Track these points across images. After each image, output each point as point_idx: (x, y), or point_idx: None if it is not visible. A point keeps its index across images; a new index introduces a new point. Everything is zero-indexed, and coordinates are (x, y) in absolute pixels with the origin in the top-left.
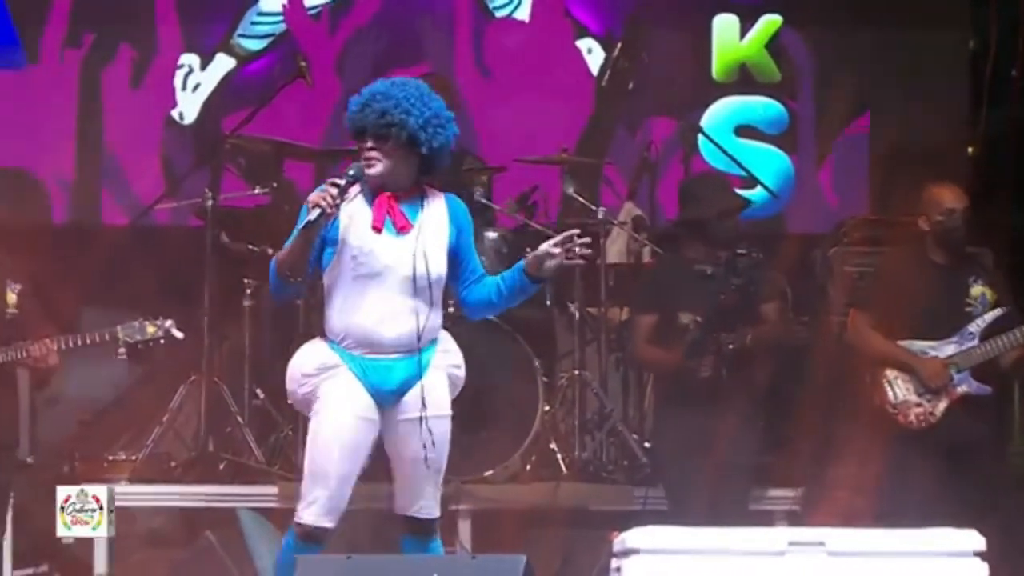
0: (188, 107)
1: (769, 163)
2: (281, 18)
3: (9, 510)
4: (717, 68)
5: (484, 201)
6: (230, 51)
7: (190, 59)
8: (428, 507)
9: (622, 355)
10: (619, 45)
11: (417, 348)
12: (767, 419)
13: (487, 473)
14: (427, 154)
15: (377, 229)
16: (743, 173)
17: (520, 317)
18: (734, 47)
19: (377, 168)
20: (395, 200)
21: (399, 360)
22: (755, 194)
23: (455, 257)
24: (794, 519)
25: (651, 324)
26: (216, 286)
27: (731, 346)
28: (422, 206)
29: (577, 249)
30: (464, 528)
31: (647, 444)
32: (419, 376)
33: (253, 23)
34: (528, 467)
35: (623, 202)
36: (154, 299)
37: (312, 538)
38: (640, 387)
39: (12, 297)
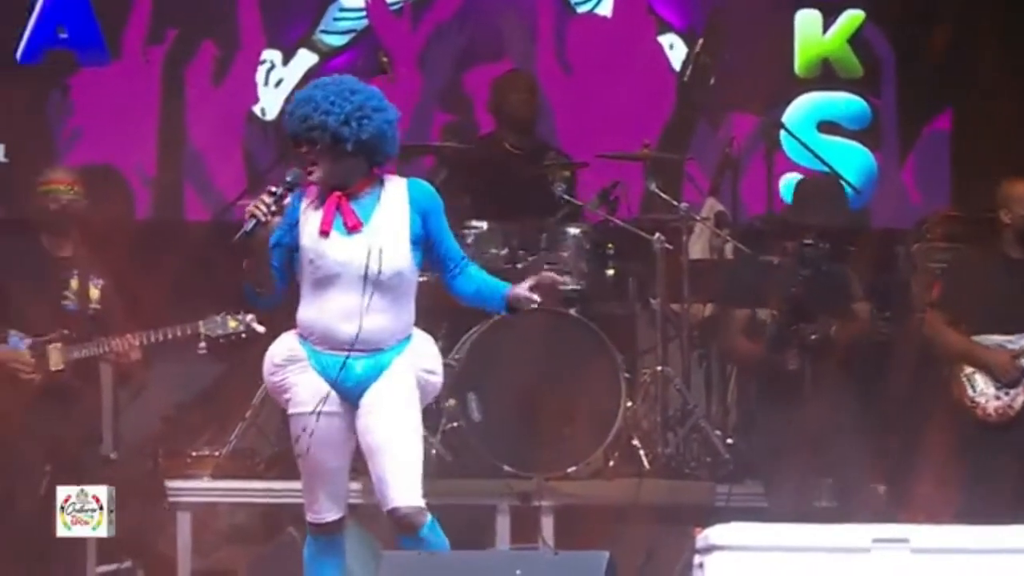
0: (270, 103)
1: (852, 159)
2: (363, 14)
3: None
4: (799, 63)
5: (566, 197)
6: (312, 47)
7: (272, 55)
8: (403, 498)
9: (710, 350)
10: (701, 40)
11: (377, 346)
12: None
13: (570, 469)
14: (356, 150)
15: (324, 232)
16: (826, 169)
17: (602, 313)
18: (816, 42)
19: (316, 174)
20: (346, 198)
21: (360, 358)
22: None
23: (428, 243)
24: (878, 516)
25: (739, 318)
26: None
27: (813, 336)
28: (379, 199)
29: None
30: (547, 524)
31: (730, 440)
32: (379, 373)
33: (335, 18)
34: (611, 463)
35: (705, 198)
36: (236, 294)
37: (327, 531)
38: (723, 383)
39: (95, 293)
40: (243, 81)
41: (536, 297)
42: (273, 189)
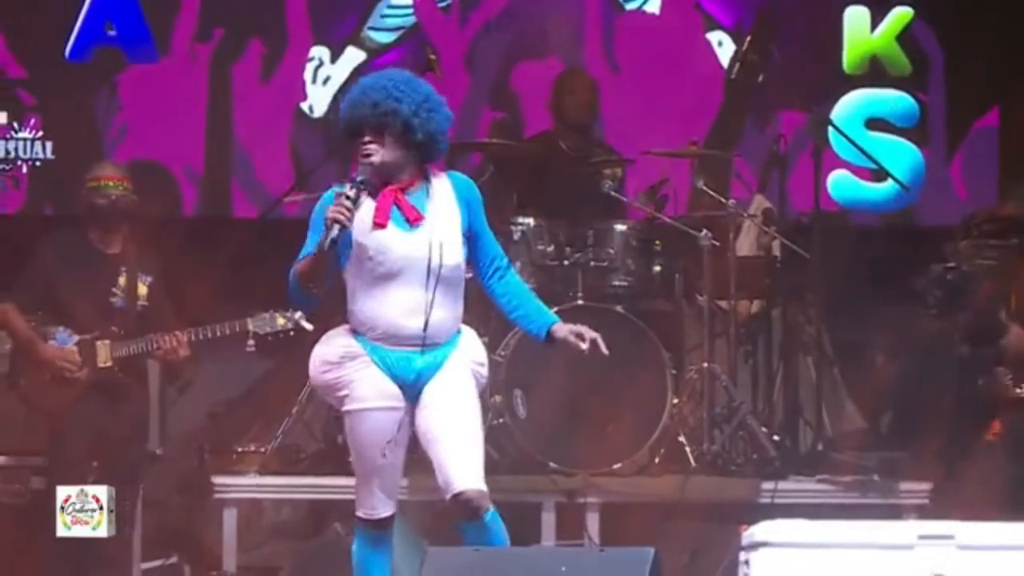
0: (318, 100)
1: (900, 156)
2: (411, 11)
3: (139, 502)
4: (848, 60)
5: (613, 194)
6: (360, 44)
7: (320, 52)
8: (468, 481)
9: (757, 346)
10: (749, 38)
11: (436, 341)
12: (897, 414)
13: (615, 466)
14: (423, 140)
15: (382, 225)
16: (874, 166)
17: (649, 310)
18: (865, 39)
19: (376, 157)
20: (401, 192)
21: (421, 353)
22: (886, 187)
23: (471, 236)
24: (924, 513)
25: None
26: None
27: None
28: (428, 193)
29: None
30: (592, 521)
31: (776, 437)
32: (437, 368)
33: (383, 16)
34: (657, 460)
35: (753, 195)
36: (284, 291)
37: (379, 527)
38: (769, 380)
39: (143, 289)
40: (291, 78)
41: (583, 345)
42: (347, 192)
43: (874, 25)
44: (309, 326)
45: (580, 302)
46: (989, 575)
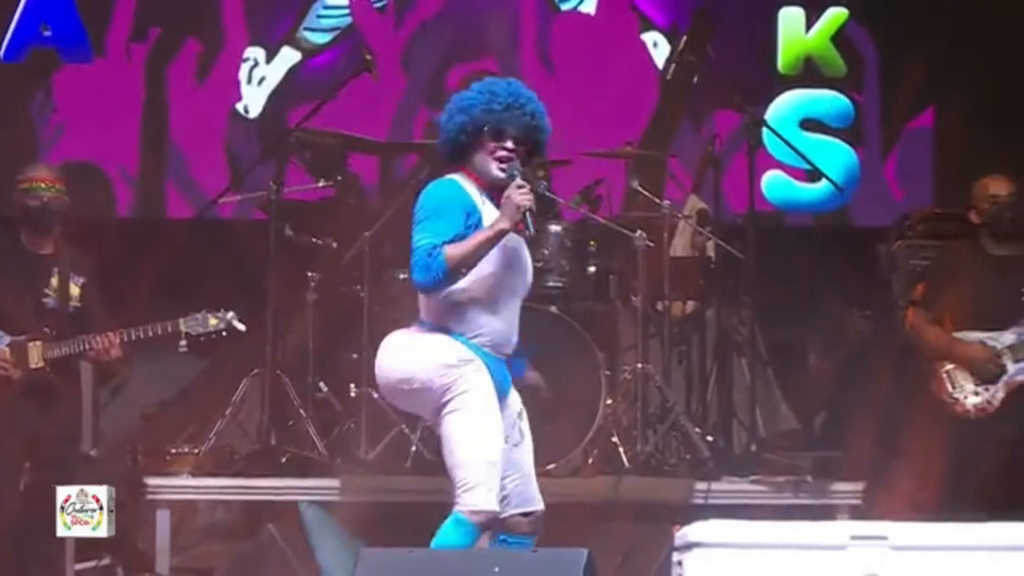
0: (253, 100)
1: (834, 157)
2: (347, 11)
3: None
4: (782, 61)
5: (549, 194)
6: (296, 44)
7: (255, 52)
8: (541, 500)
9: (691, 347)
10: (684, 38)
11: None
12: (830, 414)
13: (549, 466)
14: (532, 161)
15: (521, 232)
16: (808, 167)
17: (583, 310)
18: (800, 40)
19: (516, 163)
20: None
21: (505, 363)
22: (820, 188)
23: None
24: (857, 513)
25: None
26: (280, 279)
27: None
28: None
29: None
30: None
31: (709, 437)
32: (510, 382)
33: (319, 16)
34: (590, 461)
35: (687, 195)
36: (218, 292)
37: (490, 524)
38: (703, 380)
39: (75, 290)
40: (226, 79)
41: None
42: (520, 182)
43: (809, 26)
44: (242, 326)
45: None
46: (921, 575)
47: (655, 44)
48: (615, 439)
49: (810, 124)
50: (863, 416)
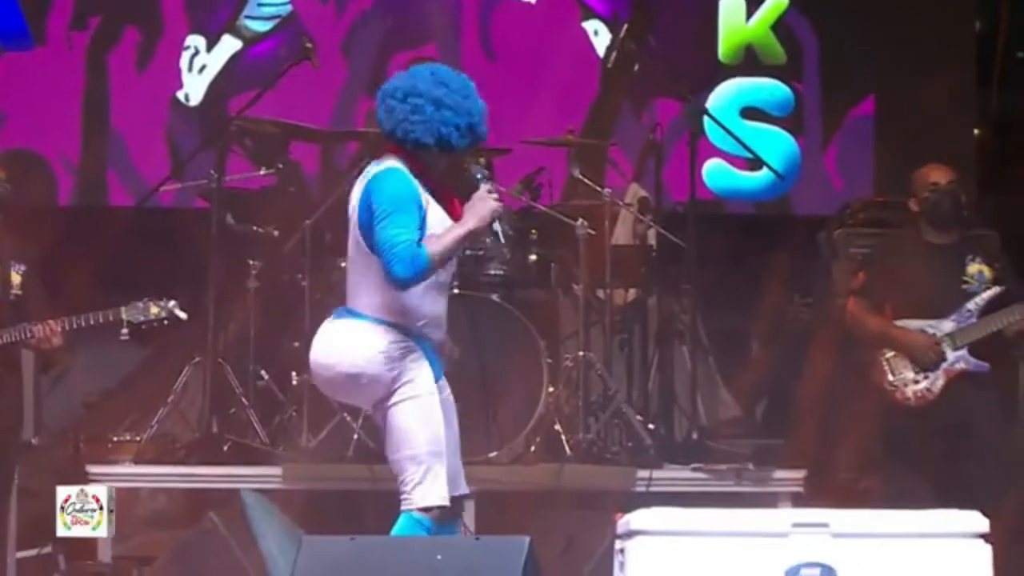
0: (194, 89)
1: (775, 145)
2: (287, 0)
3: (13, 492)
4: (723, 50)
5: (486, 183)
6: (236, 32)
7: (196, 40)
8: (465, 484)
9: (632, 335)
10: (625, 26)
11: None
12: (771, 402)
13: (491, 454)
14: None
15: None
16: (749, 155)
17: (525, 298)
18: (740, 29)
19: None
20: None
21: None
22: (761, 176)
23: None
24: (798, 500)
25: None
26: (221, 267)
27: None
28: None
29: None
30: (468, 509)
31: (651, 426)
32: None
33: (259, 4)
34: (532, 449)
35: (629, 183)
36: (159, 280)
37: (452, 512)
38: (645, 369)
39: (16, 278)
40: (166, 67)
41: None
42: (492, 190)
43: (749, 14)
44: (183, 315)
45: (456, 291)
46: (863, 563)
47: (596, 32)
48: (557, 427)
49: (751, 113)
50: (804, 404)
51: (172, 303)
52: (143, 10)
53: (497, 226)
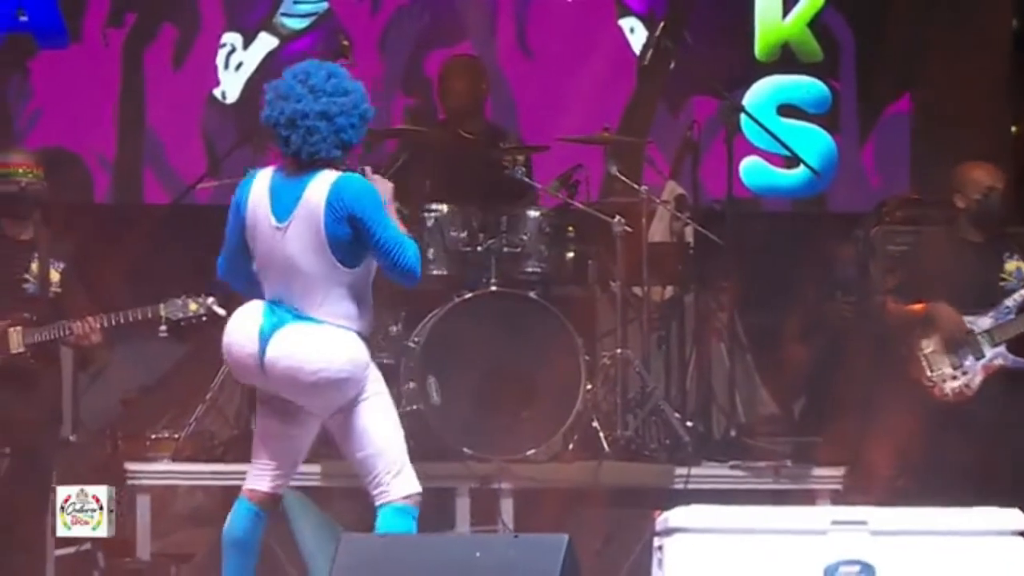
0: (230, 86)
1: (812, 142)
2: None
3: (52, 488)
4: (760, 47)
5: (524, 180)
6: (272, 30)
7: (232, 38)
8: None
9: (670, 332)
10: (661, 24)
11: None
12: (809, 399)
13: (529, 452)
14: None
15: None
16: (786, 153)
17: (562, 296)
18: (777, 26)
19: None
20: None
21: None
22: (798, 174)
23: None
24: (837, 498)
25: None
26: None
27: None
28: None
29: None
30: (506, 507)
31: (689, 423)
32: None
33: (296, 2)
34: (570, 446)
35: (665, 181)
36: (196, 277)
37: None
38: (682, 366)
39: (55, 276)
40: (203, 64)
41: None
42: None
43: (786, 12)
44: (222, 311)
45: (494, 288)
46: (902, 560)
47: (632, 30)
48: (595, 424)
49: (787, 110)
50: (842, 401)
51: (210, 300)
52: (180, 7)
53: None
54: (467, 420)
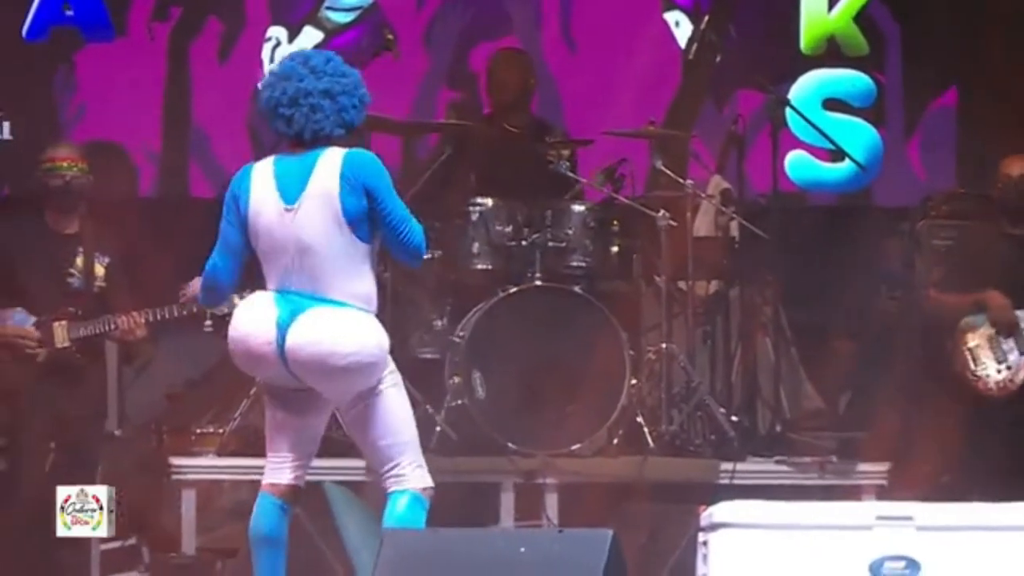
0: None
1: (857, 136)
2: None
3: (97, 483)
4: (805, 41)
5: (569, 174)
6: (318, 24)
7: (277, 32)
8: None
9: (715, 327)
10: (707, 18)
11: None
12: (854, 394)
13: (574, 447)
14: None
15: None
16: (831, 146)
17: (607, 290)
18: (822, 19)
19: None
20: None
21: None
22: (844, 168)
23: None
24: (882, 493)
25: None
26: None
27: None
28: None
29: None
30: (551, 502)
31: (734, 418)
32: None
33: None
34: (615, 441)
35: (711, 175)
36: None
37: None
38: (727, 360)
39: (100, 270)
40: (248, 58)
41: None
42: None
43: (831, 5)
44: None
45: (538, 283)
46: (948, 556)
47: (677, 23)
48: (640, 419)
49: (833, 104)
50: (888, 396)
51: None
52: (225, 1)
53: None
54: (511, 415)
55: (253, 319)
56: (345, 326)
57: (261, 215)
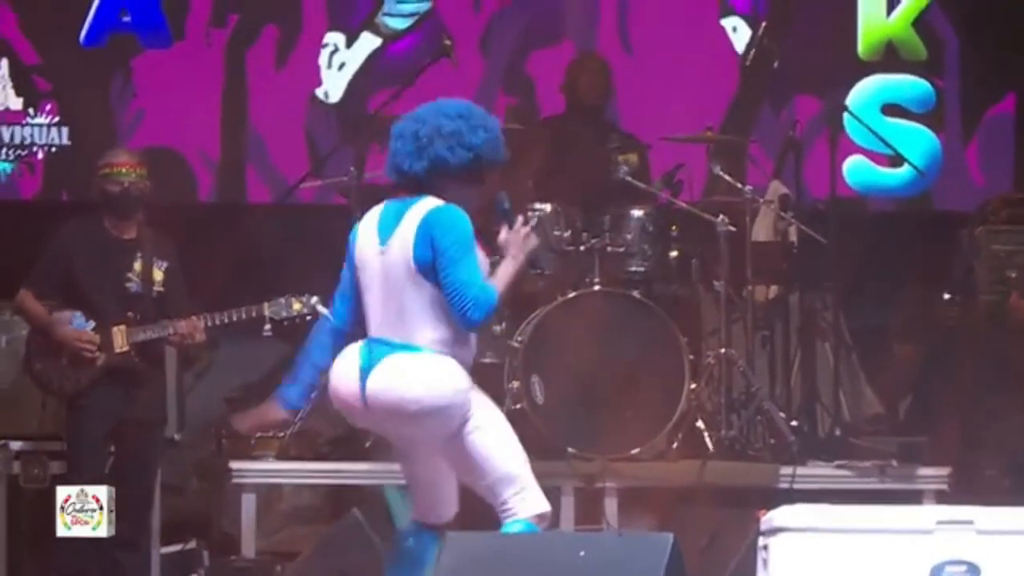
0: (333, 86)
1: (916, 142)
2: None
3: (157, 488)
4: (863, 46)
5: (628, 179)
6: (375, 29)
7: (335, 38)
8: None
9: (774, 332)
10: (764, 23)
11: None
12: (915, 399)
13: (634, 451)
14: None
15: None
16: (890, 152)
17: (666, 295)
18: (880, 24)
19: None
20: None
21: None
22: (902, 173)
23: None
24: (943, 498)
25: None
26: None
27: None
28: None
29: None
30: (611, 506)
31: (794, 422)
32: None
33: (399, 1)
34: (675, 445)
35: (769, 180)
36: (299, 276)
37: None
38: (787, 365)
39: (159, 275)
40: (306, 64)
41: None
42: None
43: (889, 10)
44: (325, 310)
45: (597, 287)
46: (1008, 560)
47: (734, 29)
48: (699, 424)
49: (891, 109)
50: (948, 401)
51: (314, 299)
52: (282, 7)
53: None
54: (571, 419)
55: (341, 371)
56: (417, 372)
57: (364, 255)
